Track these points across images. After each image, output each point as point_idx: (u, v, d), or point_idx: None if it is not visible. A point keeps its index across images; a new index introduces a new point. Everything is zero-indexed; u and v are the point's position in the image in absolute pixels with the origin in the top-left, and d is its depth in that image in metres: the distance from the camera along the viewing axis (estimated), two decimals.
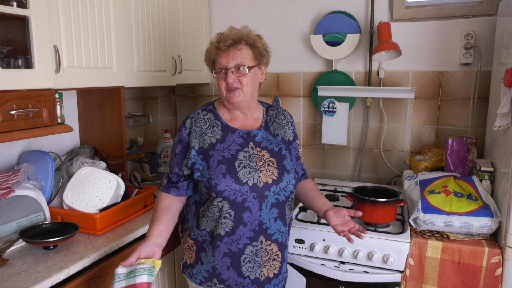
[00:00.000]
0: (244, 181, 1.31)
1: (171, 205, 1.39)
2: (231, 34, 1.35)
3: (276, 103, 2.52)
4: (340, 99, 2.27)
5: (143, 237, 1.61)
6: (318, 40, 2.27)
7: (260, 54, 1.40)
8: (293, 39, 2.43)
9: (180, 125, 1.44)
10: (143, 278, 1.12)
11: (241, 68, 1.35)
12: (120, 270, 1.15)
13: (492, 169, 1.73)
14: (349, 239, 1.36)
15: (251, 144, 1.39)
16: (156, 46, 2.07)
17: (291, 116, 1.56)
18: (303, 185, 1.58)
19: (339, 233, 1.38)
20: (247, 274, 1.36)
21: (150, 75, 2.04)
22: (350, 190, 2.10)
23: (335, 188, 2.26)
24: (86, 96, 2.00)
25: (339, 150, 2.43)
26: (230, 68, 1.34)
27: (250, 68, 1.36)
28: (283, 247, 1.43)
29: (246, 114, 1.45)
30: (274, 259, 1.41)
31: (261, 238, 1.36)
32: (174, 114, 2.87)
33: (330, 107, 2.28)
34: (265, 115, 1.49)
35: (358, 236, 1.34)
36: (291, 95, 2.50)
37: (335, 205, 1.98)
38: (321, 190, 2.24)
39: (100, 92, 1.94)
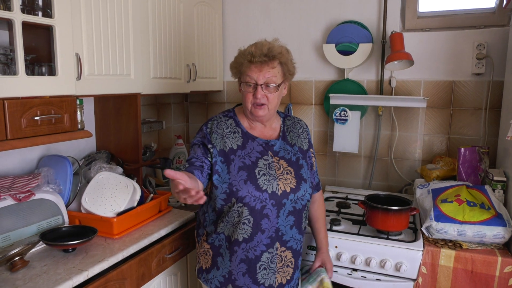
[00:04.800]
0: (263, 188, 1.34)
1: (192, 176, 1.28)
2: (265, 49, 1.35)
3: (287, 111, 2.55)
4: (352, 107, 2.29)
5: (158, 242, 1.65)
6: (330, 49, 2.30)
7: (289, 72, 1.42)
8: (306, 47, 2.47)
9: (201, 125, 1.47)
10: None
11: (271, 85, 1.36)
12: None
13: (505, 179, 1.74)
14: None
15: (270, 153, 1.42)
16: (172, 54, 2.11)
17: (306, 126, 1.59)
18: (312, 207, 1.59)
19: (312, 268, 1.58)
20: (262, 281, 1.38)
21: (165, 82, 2.09)
22: (361, 198, 2.12)
23: (346, 196, 2.28)
24: (103, 102, 2.04)
25: (350, 158, 2.45)
26: (261, 84, 1.35)
27: (278, 85, 1.38)
28: (297, 254, 1.45)
29: (265, 125, 1.48)
30: (287, 266, 1.43)
31: (277, 244, 1.38)
32: (187, 121, 2.91)
33: (342, 115, 2.30)
34: (282, 125, 1.52)
35: None
36: (303, 103, 2.52)
37: (347, 213, 2.02)
38: (332, 197, 2.26)
39: (117, 98, 1.98)
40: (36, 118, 1.39)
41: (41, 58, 1.50)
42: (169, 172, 1.05)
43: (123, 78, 1.79)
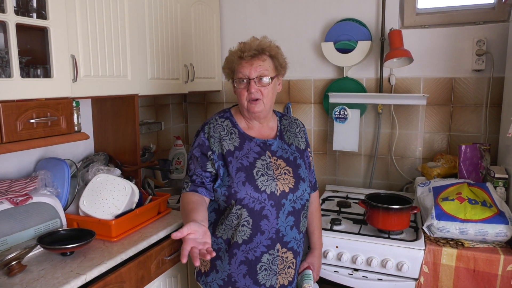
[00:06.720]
0: (262, 189, 1.32)
1: (201, 201, 1.33)
2: (254, 44, 1.36)
3: (287, 110, 2.53)
4: (352, 106, 2.27)
5: (157, 244, 1.64)
6: (329, 47, 2.28)
7: (280, 66, 1.42)
8: (304, 46, 2.45)
9: (198, 130, 1.46)
10: None
11: (264, 79, 1.36)
12: None
13: (506, 176, 1.72)
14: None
15: (267, 153, 1.41)
16: (169, 55, 2.10)
17: (303, 125, 1.58)
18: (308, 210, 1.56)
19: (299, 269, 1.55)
20: (262, 282, 1.37)
21: (163, 83, 2.07)
22: (361, 197, 2.10)
23: (347, 195, 2.26)
24: (100, 104, 2.03)
25: (350, 156, 2.43)
26: (253, 79, 1.35)
27: (271, 79, 1.38)
28: (297, 255, 1.44)
29: (262, 123, 1.47)
30: (289, 267, 1.41)
31: (278, 246, 1.36)
32: (186, 121, 2.89)
33: (341, 114, 2.28)
34: (279, 124, 1.51)
35: None
36: (302, 102, 2.51)
37: (347, 212, 2.00)
38: (332, 197, 2.25)
39: (115, 100, 1.97)
40: (31, 120, 1.37)
41: (36, 60, 1.48)
42: (175, 235, 1.06)
43: (119, 79, 1.77)
